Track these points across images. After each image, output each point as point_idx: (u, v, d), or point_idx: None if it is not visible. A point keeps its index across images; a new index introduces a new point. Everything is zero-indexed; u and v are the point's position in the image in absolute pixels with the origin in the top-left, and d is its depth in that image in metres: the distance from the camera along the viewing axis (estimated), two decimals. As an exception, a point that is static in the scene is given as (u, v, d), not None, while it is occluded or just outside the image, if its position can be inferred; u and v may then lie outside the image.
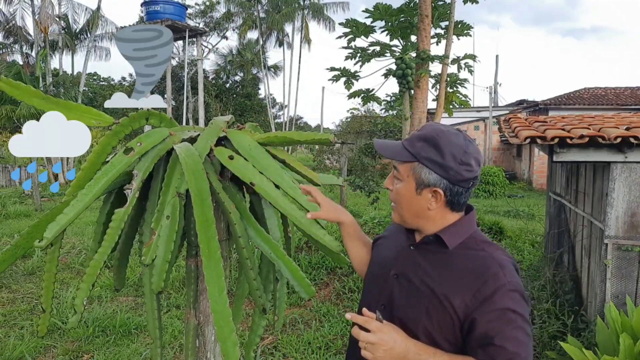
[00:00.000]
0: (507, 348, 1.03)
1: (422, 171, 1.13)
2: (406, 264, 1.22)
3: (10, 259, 1.37)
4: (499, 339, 1.03)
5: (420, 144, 1.14)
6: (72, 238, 7.39)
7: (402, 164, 1.17)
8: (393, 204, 1.25)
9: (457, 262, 1.14)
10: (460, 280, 1.10)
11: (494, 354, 1.04)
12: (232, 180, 1.47)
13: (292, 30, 30.77)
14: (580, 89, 18.33)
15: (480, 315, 1.06)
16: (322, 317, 4.34)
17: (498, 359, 1.03)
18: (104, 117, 1.39)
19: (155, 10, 17.12)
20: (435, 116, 5.03)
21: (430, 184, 1.13)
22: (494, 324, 1.05)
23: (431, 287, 1.13)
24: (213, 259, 1.18)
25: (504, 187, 14.09)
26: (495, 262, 1.11)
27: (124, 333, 4.01)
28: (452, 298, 1.09)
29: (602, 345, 2.86)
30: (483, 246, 1.16)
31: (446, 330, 1.10)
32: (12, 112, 15.78)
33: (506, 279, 1.08)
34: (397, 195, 1.20)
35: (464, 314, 1.08)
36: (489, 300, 1.06)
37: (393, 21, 4.82)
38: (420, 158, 1.13)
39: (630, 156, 3.31)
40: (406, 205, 1.18)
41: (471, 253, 1.14)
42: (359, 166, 11.84)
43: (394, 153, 1.18)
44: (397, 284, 1.21)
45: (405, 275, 1.20)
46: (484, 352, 1.05)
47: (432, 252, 1.19)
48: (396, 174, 1.20)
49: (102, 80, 40.02)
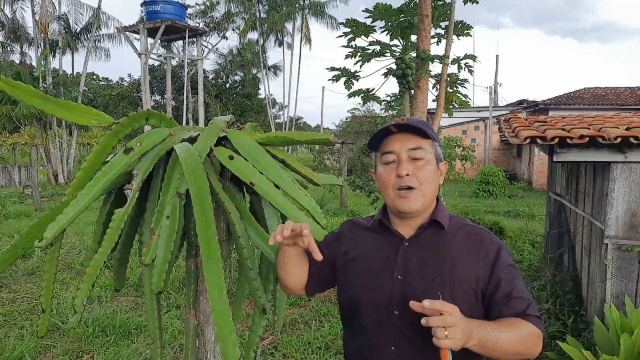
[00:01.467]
0: (524, 297, 1.18)
1: (438, 147, 1.28)
2: (409, 261, 1.22)
3: (10, 259, 1.37)
4: (515, 291, 1.17)
5: (422, 124, 1.25)
6: (72, 238, 7.39)
7: (427, 141, 1.25)
8: (412, 189, 1.21)
9: (455, 241, 1.23)
10: (469, 255, 1.21)
11: (517, 305, 1.16)
12: (232, 180, 1.47)
13: (292, 30, 30.79)
14: (581, 89, 18.33)
15: (501, 274, 1.18)
16: (322, 317, 4.34)
17: (521, 309, 1.16)
18: (104, 117, 1.39)
19: (155, 10, 17.13)
20: (435, 116, 5.03)
21: (442, 158, 1.30)
22: (507, 279, 1.18)
23: (447, 273, 1.19)
24: (213, 259, 1.18)
25: (504, 187, 14.08)
26: (483, 230, 1.27)
27: (124, 333, 4.01)
28: (470, 273, 1.19)
29: (602, 345, 2.86)
30: (463, 221, 1.30)
31: (474, 307, 1.18)
32: (11, 112, 15.76)
33: (498, 240, 1.25)
34: (426, 174, 1.23)
35: (484, 281, 1.19)
36: (498, 260, 1.20)
37: (393, 21, 4.82)
38: (434, 136, 1.26)
39: (631, 156, 3.31)
40: (433, 182, 1.25)
41: (461, 229, 1.26)
42: (359, 166, 11.84)
43: (424, 125, 1.25)
44: (408, 284, 1.20)
45: (413, 272, 1.20)
46: (508, 307, 1.16)
47: (430, 239, 1.24)
48: (420, 154, 1.23)
49: (101, 80, 40.03)
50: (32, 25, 18.99)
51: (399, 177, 1.21)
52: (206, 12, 27.80)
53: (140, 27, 16.94)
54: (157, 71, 25.79)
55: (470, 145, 15.32)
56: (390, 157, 1.24)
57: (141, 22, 17.21)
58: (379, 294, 1.23)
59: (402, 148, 1.22)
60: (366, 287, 1.26)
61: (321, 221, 1.44)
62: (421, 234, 1.25)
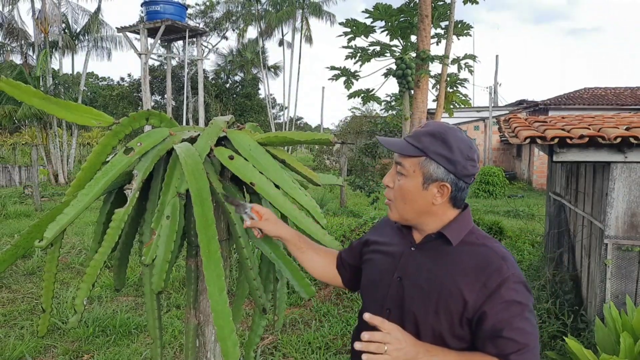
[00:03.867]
0: (516, 340, 1.05)
1: (431, 166, 1.14)
2: (409, 266, 1.21)
3: (11, 259, 1.37)
4: (507, 331, 1.06)
5: (427, 139, 1.15)
6: (72, 238, 7.39)
7: (408, 159, 1.17)
8: (390, 201, 1.24)
9: (461, 259, 1.15)
10: (466, 277, 1.11)
11: (504, 346, 1.06)
12: (232, 180, 1.47)
13: (292, 30, 30.78)
14: (580, 89, 18.34)
15: (488, 309, 1.07)
16: (322, 317, 4.34)
17: (508, 351, 1.05)
18: (104, 117, 1.39)
19: (155, 10, 17.11)
20: (435, 116, 5.03)
21: (438, 178, 1.15)
22: (501, 316, 1.07)
23: (437, 286, 1.14)
24: (213, 259, 1.19)
25: (504, 187, 14.09)
26: (497, 256, 1.13)
27: (124, 333, 4.01)
28: (459, 295, 1.10)
29: (602, 345, 2.86)
30: (484, 241, 1.18)
31: (456, 327, 1.12)
32: (14, 112, 15.76)
33: (510, 271, 1.10)
34: (400, 191, 1.19)
35: (473, 309, 1.09)
36: (495, 293, 1.08)
37: (393, 21, 4.82)
38: (429, 152, 1.14)
39: (630, 156, 3.31)
40: (410, 201, 1.18)
41: (473, 249, 1.16)
42: (359, 166, 11.83)
43: (401, 148, 1.18)
44: (402, 286, 1.20)
45: (409, 277, 1.20)
46: (494, 345, 1.07)
47: (434, 250, 1.20)
48: (400, 170, 1.19)
49: (100, 80, 40.03)
50: (32, 26, 19.00)
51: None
52: (206, 12, 27.80)
53: (140, 27, 16.94)
54: (157, 71, 25.79)
55: (470, 145, 15.27)
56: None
57: (141, 22, 17.21)
58: (378, 290, 1.26)
59: (394, 158, 1.23)
60: (371, 280, 1.31)
61: (321, 221, 1.44)
62: (427, 242, 1.22)
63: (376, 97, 5.67)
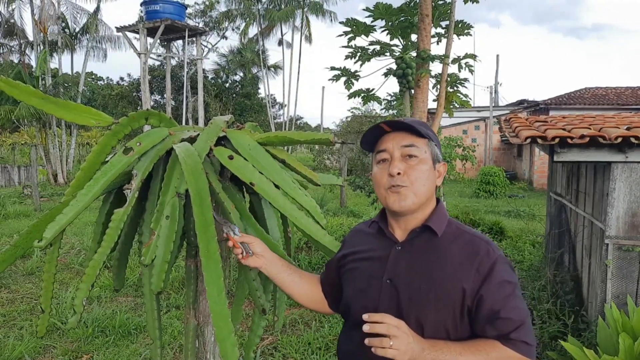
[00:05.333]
0: (513, 318, 1.10)
1: (434, 147, 1.24)
2: (399, 266, 1.20)
3: (10, 259, 1.36)
4: (504, 311, 1.10)
5: (420, 125, 1.22)
6: (72, 238, 7.38)
7: (421, 140, 1.21)
8: (404, 187, 1.18)
9: (450, 250, 1.18)
10: (461, 266, 1.14)
11: (502, 326, 1.09)
12: (232, 180, 1.47)
13: (292, 29, 30.77)
14: (581, 89, 18.35)
15: (484, 292, 1.11)
16: (322, 318, 4.33)
17: (507, 330, 1.09)
18: (103, 117, 1.38)
19: (155, 9, 17.10)
20: (435, 116, 5.02)
21: (439, 158, 1.25)
22: (497, 296, 1.11)
23: (434, 282, 1.14)
24: (212, 260, 1.18)
25: (505, 187, 14.08)
26: (482, 241, 1.19)
27: (123, 333, 4.01)
28: (458, 285, 1.12)
29: (603, 345, 2.86)
30: (464, 229, 1.24)
31: (457, 319, 1.13)
32: (11, 113, 15.74)
33: (496, 253, 1.16)
34: (420, 173, 1.19)
35: (471, 296, 1.12)
36: (489, 276, 1.12)
37: (393, 20, 4.81)
38: (430, 135, 1.22)
39: (631, 156, 3.30)
40: (426, 181, 1.20)
41: (458, 238, 1.20)
42: (359, 166, 11.82)
43: (419, 124, 1.22)
44: (395, 288, 1.18)
45: (401, 277, 1.18)
46: (493, 327, 1.10)
47: (422, 246, 1.20)
48: (414, 152, 1.19)
49: (99, 80, 40.03)
50: (32, 26, 18.98)
51: (390, 176, 1.19)
52: (206, 11, 27.78)
53: (139, 27, 16.92)
54: (156, 71, 25.77)
55: (471, 145, 15.30)
56: (383, 156, 1.22)
57: (141, 21, 17.19)
58: (368, 296, 1.23)
59: (394, 146, 1.20)
60: (358, 289, 1.27)
61: (321, 221, 1.43)
62: (414, 238, 1.21)
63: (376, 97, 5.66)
